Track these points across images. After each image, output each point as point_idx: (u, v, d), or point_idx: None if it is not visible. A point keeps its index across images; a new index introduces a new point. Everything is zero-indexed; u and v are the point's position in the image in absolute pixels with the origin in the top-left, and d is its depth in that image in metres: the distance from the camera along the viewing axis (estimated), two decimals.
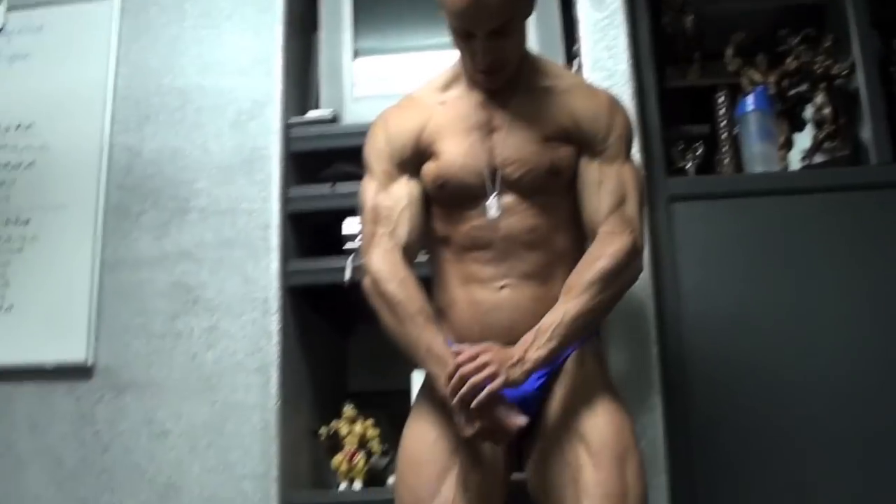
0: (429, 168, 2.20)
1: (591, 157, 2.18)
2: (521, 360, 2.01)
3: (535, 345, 2.02)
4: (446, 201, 2.19)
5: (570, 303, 2.05)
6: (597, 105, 2.21)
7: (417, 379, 2.68)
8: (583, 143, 2.18)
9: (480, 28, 2.06)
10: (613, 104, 2.25)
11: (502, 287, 2.11)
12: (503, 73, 2.16)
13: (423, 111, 2.24)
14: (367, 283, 2.20)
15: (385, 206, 2.19)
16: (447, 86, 2.26)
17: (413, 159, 2.22)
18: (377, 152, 2.25)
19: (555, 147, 2.16)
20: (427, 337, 2.08)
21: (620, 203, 2.15)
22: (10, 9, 2.89)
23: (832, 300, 2.74)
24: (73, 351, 2.86)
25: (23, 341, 2.90)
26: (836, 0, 3.06)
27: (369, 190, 2.24)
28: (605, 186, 2.15)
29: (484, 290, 2.14)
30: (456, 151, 2.16)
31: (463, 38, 2.11)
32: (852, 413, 2.65)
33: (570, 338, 2.05)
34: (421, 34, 3.06)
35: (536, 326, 2.04)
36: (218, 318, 2.81)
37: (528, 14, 2.15)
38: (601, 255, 2.08)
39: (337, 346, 3.29)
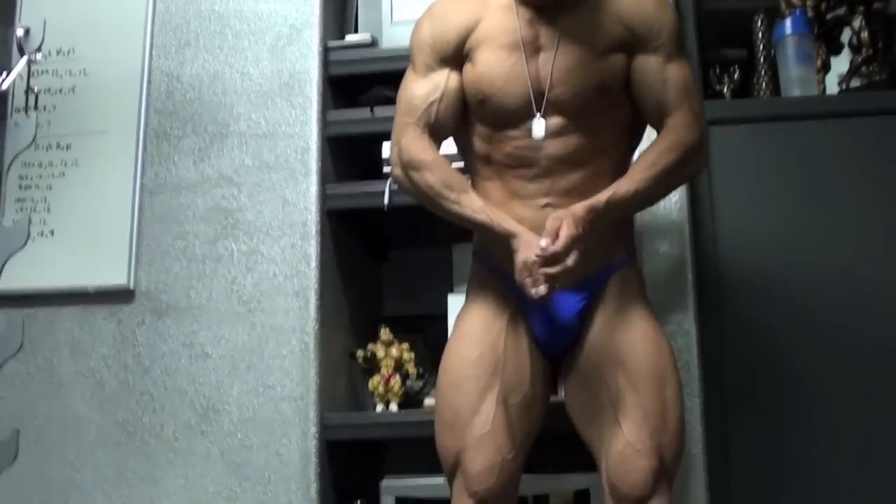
0: (468, 72, 2.19)
1: (647, 55, 2.17)
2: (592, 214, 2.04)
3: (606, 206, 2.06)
4: (487, 119, 2.18)
5: (638, 177, 2.10)
6: (643, 3, 2.19)
7: (453, 303, 2.70)
8: (636, 44, 2.17)
9: None
10: (658, 0, 2.23)
11: (545, 205, 2.11)
12: None
13: (477, 7, 2.22)
14: (396, 172, 2.23)
15: (417, 95, 2.20)
16: None
17: (456, 56, 2.21)
18: (420, 44, 2.25)
19: (606, 59, 2.14)
20: (482, 208, 2.11)
21: (687, 98, 2.17)
22: None
23: (869, 223, 2.74)
24: (114, 275, 2.89)
25: (64, 265, 2.93)
26: None
27: (407, 81, 2.25)
28: (670, 84, 2.16)
29: (526, 207, 2.14)
30: (498, 70, 2.15)
31: None
32: (888, 332, 2.66)
33: (631, 210, 2.17)
34: None
35: (608, 194, 2.07)
36: (257, 241, 2.83)
37: None
38: (673, 141, 2.12)
39: (373, 270, 3.31)
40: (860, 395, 2.64)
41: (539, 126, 2.12)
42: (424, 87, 2.20)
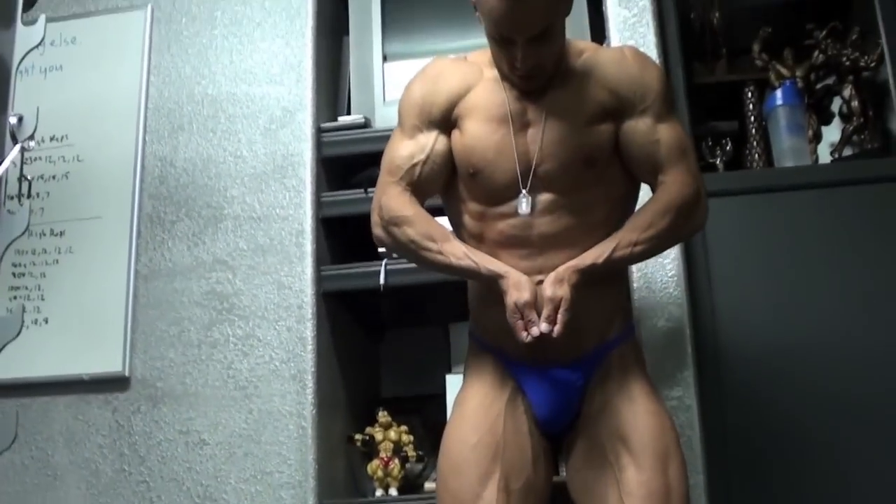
0: (455, 140, 2.18)
1: (635, 119, 2.14)
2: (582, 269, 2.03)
3: (601, 257, 2.04)
4: (479, 194, 2.16)
5: (635, 238, 2.07)
6: (626, 67, 2.17)
7: (451, 383, 2.68)
8: (624, 109, 2.14)
9: (521, 34, 2.01)
10: (642, 61, 2.21)
11: (539, 283, 2.08)
12: (542, 77, 2.12)
13: (468, 77, 2.21)
14: (377, 231, 2.21)
15: (401, 156, 2.19)
16: (491, 64, 2.21)
17: (444, 119, 2.20)
18: (410, 105, 2.23)
19: (592, 130, 2.12)
20: (465, 253, 2.09)
21: (682, 155, 2.14)
22: (46, 21, 2.90)
23: (865, 292, 2.72)
24: (110, 362, 2.87)
25: (59, 353, 2.91)
26: None
27: (393, 141, 2.24)
28: (662, 143, 2.13)
29: None
30: (486, 143, 2.13)
31: (501, 43, 2.07)
32: (887, 398, 2.63)
33: (627, 262, 2.15)
34: (449, 37, 3.08)
35: (604, 255, 2.05)
36: (253, 325, 2.82)
37: (567, 13, 2.12)
38: (670, 201, 2.10)
39: (369, 351, 3.30)
40: (864, 462, 2.60)
41: (525, 202, 2.11)
42: (409, 148, 2.19)
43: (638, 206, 2.26)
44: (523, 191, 2.10)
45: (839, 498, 2.60)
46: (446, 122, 2.19)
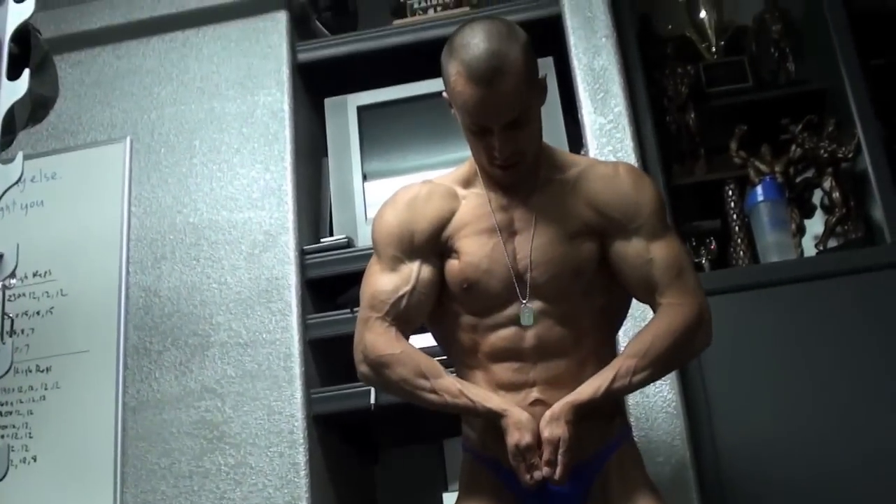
0: (452, 268, 2.15)
1: (626, 240, 2.12)
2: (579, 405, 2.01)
3: (599, 389, 2.03)
4: (473, 306, 2.14)
5: (634, 365, 2.05)
6: (617, 186, 2.16)
7: (449, 502, 2.64)
8: (612, 229, 2.13)
9: (496, 121, 2.01)
10: (635, 179, 2.20)
11: (534, 402, 2.05)
12: (522, 165, 2.11)
13: (448, 200, 2.19)
14: (363, 370, 2.16)
15: (383, 290, 2.15)
16: (467, 182, 2.22)
17: (430, 248, 2.16)
18: (386, 236, 2.19)
19: (578, 245, 2.11)
20: (460, 391, 2.06)
21: (678, 274, 2.11)
22: (25, 158, 2.92)
23: (857, 383, 2.70)
24: (101, 499, 2.81)
25: (49, 492, 2.86)
26: (835, 85, 3.09)
27: (372, 273, 2.20)
28: (657, 262, 2.11)
29: (515, 397, 2.08)
30: (480, 254, 2.12)
31: (478, 134, 2.06)
32: (889, 489, 2.59)
33: (627, 392, 2.11)
34: (427, 153, 3.11)
35: (601, 379, 2.04)
36: (244, 453, 2.77)
37: (542, 102, 2.12)
38: (670, 325, 2.07)
39: (364, 473, 3.25)
40: None
41: (527, 313, 2.09)
42: (392, 281, 2.15)
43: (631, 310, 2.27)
44: (524, 302, 2.09)
45: None
46: (431, 249, 2.17)
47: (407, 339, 2.16)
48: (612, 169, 2.22)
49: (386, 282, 2.16)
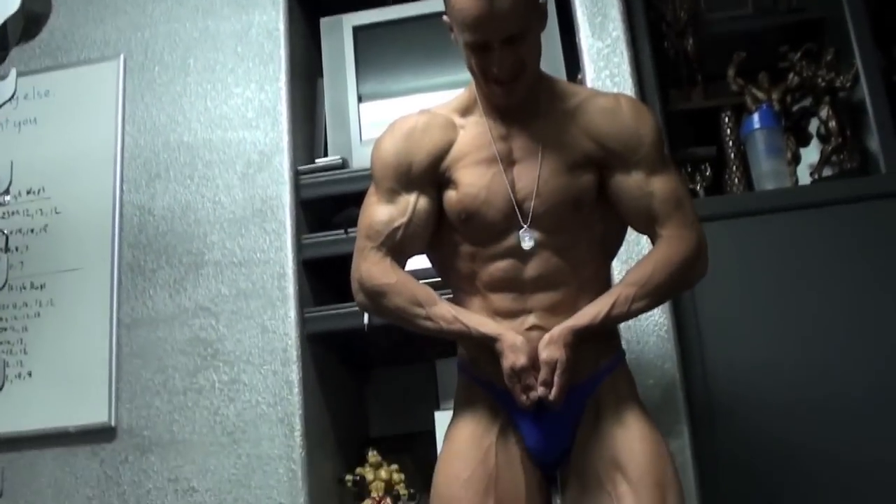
0: (450, 198, 2.15)
1: (626, 172, 2.13)
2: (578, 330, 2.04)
3: (598, 316, 2.05)
4: (472, 236, 2.14)
5: (633, 294, 2.07)
6: (617, 118, 2.15)
7: (440, 420, 2.66)
8: (613, 162, 2.13)
9: (496, 35, 1.99)
10: (636, 111, 2.19)
11: (531, 327, 2.08)
12: (522, 83, 2.09)
13: (446, 131, 2.18)
14: (360, 299, 2.19)
15: (380, 220, 2.16)
16: (465, 110, 2.20)
17: (427, 179, 2.16)
18: (383, 166, 2.19)
19: (579, 175, 2.11)
20: (455, 317, 2.08)
21: (678, 207, 2.13)
22: (18, 75, 2.90)
23: (849, 312, 2.73)
24: (95, 413, 2.85)
25: (44, 407, 2.89)
26: (835, 13, 3.06)
27: (370, 204, 2.20)
28: (657, 195, 2.12)
29: (511, 323, 2.09)
30: (479, 184, 2.11)
31: (478, 51, 2.04)
32: (877, 422, 2.64)
33: (625, 319, 2.12)
34: (423, 75, 3.09)
35: (601, 305, 2.06)
36: (238, 370, 2.80)
37: (543, 26, 2.11)
38: (669, 256, 2.10)
39: (356, 391, 3.28)
40: (860, 494, 2.60)
41: (527, 237, 2.09)
42: (389, 211, 2.16)
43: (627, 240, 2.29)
44: (524, 226, 2.09)
45: None
46: (429, 181, 2.16)
47: (403, 268, 2.17)
48: (612, 101, 2.20)
49: (382, 213, 2.16)
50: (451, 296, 2.23)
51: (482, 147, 2.15)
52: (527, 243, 2.09)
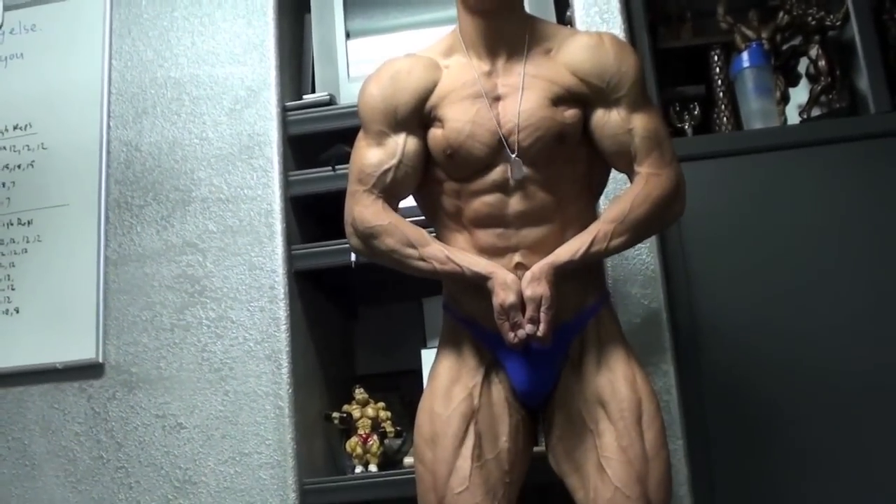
0: (435, 136, 2.16)
1: (607, 109, 2.15)
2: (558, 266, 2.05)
3: (578, 252, 2.06)
4: (456, 172, 2.15)
5: (610, 230, 2.08)
6: (599, 55, 2.16)
7: (427, 358, 2.67)
8: (594, 98, 2.15)
9: None
10: (618, 49, 2.19)
11: (516, 265, 2.09)
12: None
13: (430, 71, 2.20)
14: (354, 242, 2.21)
15: (370, 164, 2.18)
16: (449, 51, 2.23)
17: (414, 120, 2.18)
18: (370, 110, 2.21)
19: (563, 111, 2.12)
20: (447, 257, 2.10)
21: (657, 146, 2.14)
22: (4, 9, 2.88)
23: (836, 252, 2.73)
24: (83, 350, 2.85)
25: (31, 343, 2.90)
26: None
27: (359, 148, 2.22)
28: (637, 132, 2.13)
29: (498, 261, 2.10)
30: (463, 119, 2.12)
31: None
32: (862, 355, 2.66)
33: (605, 256, 2.14)
34: (410, 11, 3.05)
35: (582, 248, 2.07)
36: (225, 307, 2.80)
37: None
38: (648, 193, 2.11)
39: (343, 329, 3.29)
40: (844, 424, 2.62)
41: (517, 168, 2.09)
42: (377, 155, 2.18)
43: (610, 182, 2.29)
44: (513, 156, 2.10)
45: (819, 460, 2.62)
46: (416, 120, 2.18)
47: (395, 210, 2.19)
48: (596, 39, 2.21)
49: (372, 156, 2.18)
50: (435, 234, 2.24)
51: (467, 84, 2.16)
52: (517, 173, 2.09)
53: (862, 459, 2.61)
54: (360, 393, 2.81)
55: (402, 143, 2.17)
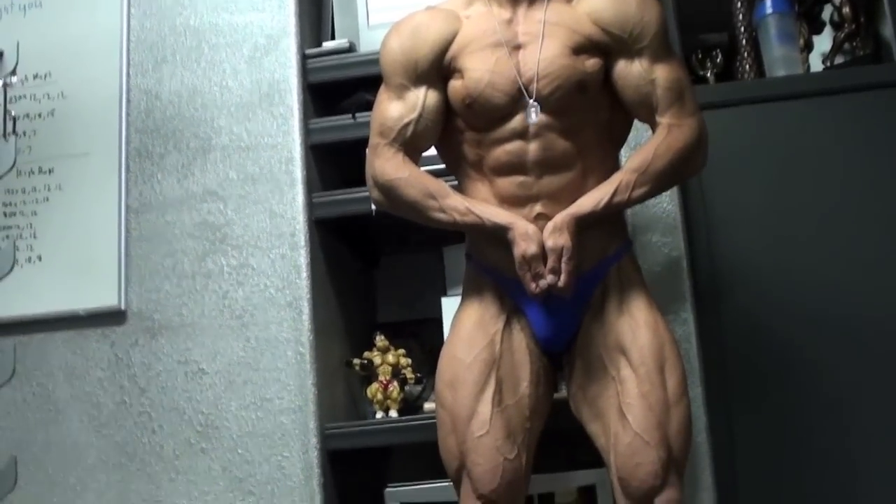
0: (455, 86, 2.16)
1: (629, 59, 2.14)
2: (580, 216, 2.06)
3: (600, 202, 2.07)
4: (476, 121, 2.15)
5: (632, 180, 2.09)
6: (622, 4, 2.15)
7: (447, 306, 2.68)
8: (616, 48, 2.14)
9: None
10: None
11: (538, 215, 2.09)
12: None
13: (450, 22, 2.20)
14: (375, 195, 2.23)
15: (391, 117, 2.19)
16: (469, 2, 2.23)
17: (435, 72, 2.18)
18: (391, 63, 2.22)
19: (584, 59, 2.12)
20: (468, 209, 2.11)
21: (679, 96, 2.14)
22: None
23: (858, 199, 2.73)
24: (105, 296, 2.87)
25: (54, 290, 2.91)
26: None
27: (381, 101, 2.23)
28: (660, 83, 2.13)
29: (519, 211, 2.11)
30: (483, 68, 2.12)
31: None
32: (883, 309, 2.65)
33: (626, 206, 2.15)
34: None
35: (604, 199, 2.07)
36: (246, 255, 2.81)
37: None
38: (669, 145, 2.10)
39: (364, 277, 3.30)
40: (863, 376, 2.63)
41: (533, 112, 2.09)
42: (399, 108, 2.19)
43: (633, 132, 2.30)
44: (531, 101, 2.09)
45: (840, 407, 2.63)
46: (436, 73, 2.19)
47: (416, 163, 2.20)
48: None
49: (393, 109, 2.19)
50: (456, 183, 2.25)
51: (487, 33, 2.16)
52: (532, 118, 2.09)
53: (884, 404, 2.61)
54: (380, 340, 2.82)
55: (422, 97, 2.18)
